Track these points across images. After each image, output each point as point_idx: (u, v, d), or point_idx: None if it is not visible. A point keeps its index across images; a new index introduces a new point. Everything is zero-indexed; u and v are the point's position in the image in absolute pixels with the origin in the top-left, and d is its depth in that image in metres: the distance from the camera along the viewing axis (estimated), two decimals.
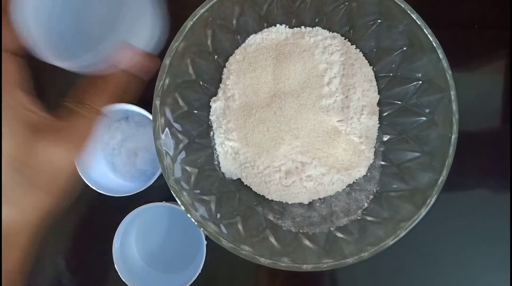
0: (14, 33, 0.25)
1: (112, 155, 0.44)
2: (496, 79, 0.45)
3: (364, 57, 0.40)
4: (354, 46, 0.40)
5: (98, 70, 0.26)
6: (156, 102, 0.33)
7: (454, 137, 0.33)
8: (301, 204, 0.39)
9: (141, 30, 0.26)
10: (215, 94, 0.40)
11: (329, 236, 0.35)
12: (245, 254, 0.32)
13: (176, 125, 0.36)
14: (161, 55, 0.32)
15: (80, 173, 0.38)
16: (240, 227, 0.35)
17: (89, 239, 0.45)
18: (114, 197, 0.39)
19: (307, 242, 0.35)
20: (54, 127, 0.26)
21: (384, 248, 0.32)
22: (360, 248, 0.32)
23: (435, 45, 0.33)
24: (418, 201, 0.33)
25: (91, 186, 0.38)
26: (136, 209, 0.38)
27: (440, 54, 0.33)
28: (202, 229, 0.33)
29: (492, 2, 0.45)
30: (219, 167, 0.39)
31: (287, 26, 0.40)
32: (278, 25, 0.40)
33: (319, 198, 0.39)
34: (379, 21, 0.37)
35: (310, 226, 0.37)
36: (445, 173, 0.32)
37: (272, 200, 0.39)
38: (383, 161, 0.39)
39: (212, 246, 0.40)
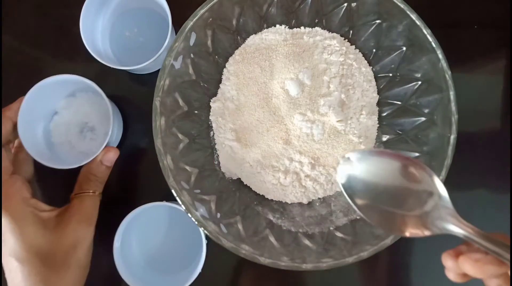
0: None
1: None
2: (496, 79, 0.45)
3: (363, 57, 0.40)
4: (353, 46, 0.40)
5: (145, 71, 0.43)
6: (156, 102, 0.34)
7: (453, 137, 0.33)
8: (300, 204, 0.39)
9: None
10: (215, 94, 0.40)
11: (328, 236, 0.35)
12: (245, 254, 0.32)
13: (176, 125, 0.36)
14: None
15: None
16: (240, 226, 0.35)
17: None
18: (114, 196, 0.39)
19: (306, 242, 0.35)
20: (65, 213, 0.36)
21: (383, 248, 0.32)
22: (360, 248, 0.33)
23: (434, 45, 0.33)
24: None
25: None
26: (136, 209, 0.38)
27: (440, 54, 0.33)
28: (202, 228, 0.33)
29: (492, 2, 0.45)
30: (219, 167, 0.39)
31: (287, 27, 0.40)
32: (277, 25, 0.40)
33: (319, 198, 0.39)
34: (378, 21, 0.37)
35: (309, 225, 0.37)
36: (444, 173, 0.32)
37: (271, 200, 0.39)
38: None
39: (212, 246, 0.40)
